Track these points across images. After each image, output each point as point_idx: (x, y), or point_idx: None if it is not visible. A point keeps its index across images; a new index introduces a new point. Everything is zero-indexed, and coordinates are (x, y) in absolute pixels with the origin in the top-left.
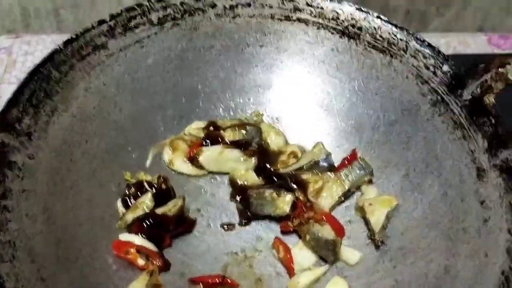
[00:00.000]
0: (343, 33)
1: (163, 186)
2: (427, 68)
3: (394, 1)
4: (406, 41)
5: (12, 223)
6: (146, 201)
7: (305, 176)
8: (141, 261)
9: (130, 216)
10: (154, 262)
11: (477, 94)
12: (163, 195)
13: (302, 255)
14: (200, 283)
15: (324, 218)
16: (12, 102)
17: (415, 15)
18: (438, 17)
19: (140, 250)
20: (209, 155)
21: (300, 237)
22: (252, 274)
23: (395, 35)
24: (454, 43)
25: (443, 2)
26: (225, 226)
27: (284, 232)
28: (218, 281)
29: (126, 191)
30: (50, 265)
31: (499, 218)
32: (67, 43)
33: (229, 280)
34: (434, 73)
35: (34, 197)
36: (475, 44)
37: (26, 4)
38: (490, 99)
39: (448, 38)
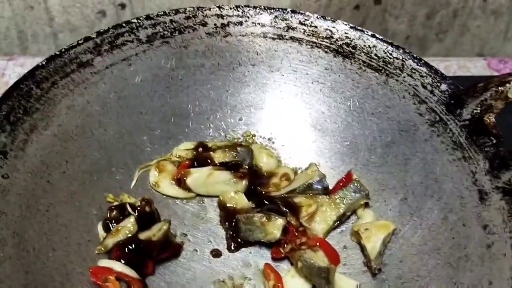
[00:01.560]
0: (337, 52)
1: (147, 209)
2: (424, 87)
3: (393, 26)
4: (402, 60)
5: None
6: (129, 225)
7: (297, 200)
8: None
9: (110, 241)
10: None
11: (477, 113)
12: (147, 218)
13: (294, 283)
14: None
15: (318, 244)
16: None
17: (414, 41)
18: (437, 43)
19: (120, 277)
20: (197, 177)
21: (292, 263)
22: None
23: (391, 54)
24: (454, 68)
25: (442, 28)
26: (213, 252)
27: (275, 258)
28: None
29: (108, 213)
30: None
31: (503, 244)
32: (50, 59)
33: None
34: (432, 92)
35: (4, 219)
36: (475, 68)
37: (23, 28)
38: (490, 118)
39: (447, 62)
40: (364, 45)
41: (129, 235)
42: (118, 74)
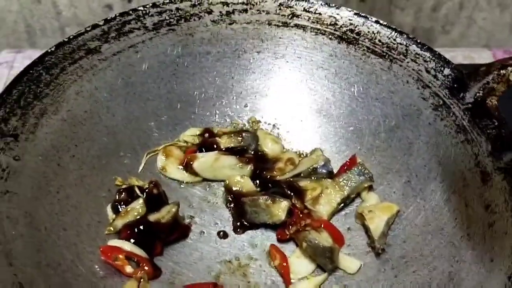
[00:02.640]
0: (342, 38)
1: (155, 191)
2: (428, 72)
3: (400, 18)
4: (406, 45)
5: None
6: (137, 207)
7: (302, 183)
8: (129, 268)
9: (120, 222)
10: (144, 269)
11: (479, 96)
12: (155, 200)
13: (299, 263)
14: None
15: (322, 225)
16: None
17: (420, 33)
18: (443, 35)
19: (129, 256)
20: (204, 161)
21: (297, 245)
22: (246, 283)
23: (395, 40)
24: (459, 59)
25: (448, 21)
26: (220, 234)
27: (281, 240)
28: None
29: (117, 196)
30: (30, 270)
31: (505, 222)
32: (58, 46)
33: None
34: (435, 76)
35: (17, 199)
36: (480, 59)
37: (31, 22)
38: (492, 101)
39: (453, 53)
40: (368, 31)
41: (138, 217)
42: (125, 61)
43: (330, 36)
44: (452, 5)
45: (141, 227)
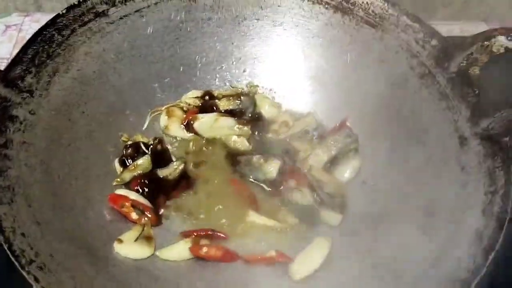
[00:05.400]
0: (337, 8)
1: (159, 147)
2: (417, 42)
3: None
4: (397, 16)
5: (11, 170)
6: (144, 163)
7: (294, 144)
8: (134, 215)
9: (128, 175)
10: (148, 216)
11: (462, 66)
12: (160, 156)
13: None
14: (191, 236)
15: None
16: (16, 61)
17: (420, 6)
18: (443, 8)
19: (135, 205)
20: (204, 121)
21: None
22: None
23: (387, 10)
24: (456, 32)
25: None
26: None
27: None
28: (208, 234)
29: (124, 151)
30: (46, 211)
31: (477, 182)
32: (69, 8)
33: (219, 234)
34: (423, 46)
35: (33, 149)
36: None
37: None
38: (475, 71)
39: (450, 27)
40: (362, 2)
41: (145, 171)
42: (131, 24)
43: (326, 6)
44: None
45: (149, 181)
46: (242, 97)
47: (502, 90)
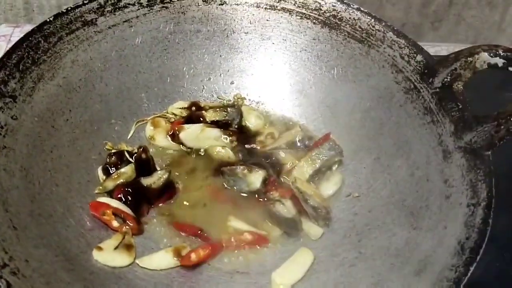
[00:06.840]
0: (325, 23)
1: (143, 156)
2: (402, 58)
3: (390, 13)
4: (384, 32)
5: None
6: (128, 171)
7: (279, 156)
8: (115, 223)
9: (111, 183)
10: (129, 225)
11: (447, 81)
12: (143, 165)
13: None
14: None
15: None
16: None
17: (410, 28)
18: (432, 31)
19: (116, 213)
20: (190, 132)
21: None
22: None
23: (374, 26)
24: (443, 53)
25: (437, 17)
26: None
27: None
28: (196, 232)
29: (107, 159)
30: (24, 216)
31: (460, 195)
32: (57, 16)
33: (205, 235)
34: (408, 62)
35: (13, 155)
36: None
37: None
38: (458, 86)
39: (438, 48)
40: (350, 18)
41: (128, 180)
42: (120, 34)
43: (314, 21)
44: (442, 1)
45: (132, 189)
46: (228, 109)
47: (484, 105)
